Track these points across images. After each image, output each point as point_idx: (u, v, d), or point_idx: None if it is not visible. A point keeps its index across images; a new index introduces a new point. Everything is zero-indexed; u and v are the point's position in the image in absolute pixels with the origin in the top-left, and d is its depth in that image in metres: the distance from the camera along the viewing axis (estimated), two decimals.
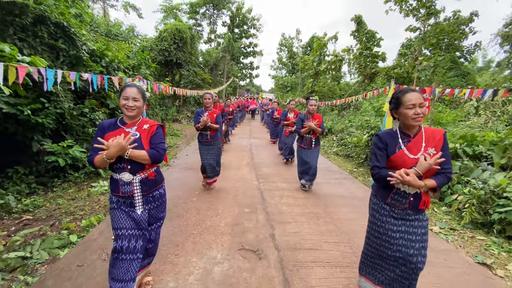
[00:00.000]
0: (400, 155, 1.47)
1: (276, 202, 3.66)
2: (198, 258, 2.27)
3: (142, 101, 1.61)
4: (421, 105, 1.42)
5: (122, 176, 1.54)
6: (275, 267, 2.20)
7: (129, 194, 1.56)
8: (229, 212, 3.24)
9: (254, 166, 5.64)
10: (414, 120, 1.43)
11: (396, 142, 1.51)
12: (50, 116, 4.36)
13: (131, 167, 1.55)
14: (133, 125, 1.61)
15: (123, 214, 1.57)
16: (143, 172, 1.58)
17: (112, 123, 1.62)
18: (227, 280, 2.02)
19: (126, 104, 1.56)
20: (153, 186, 1.65)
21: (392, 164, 1.50)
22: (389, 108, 1.57)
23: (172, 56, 14.60)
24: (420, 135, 1.50)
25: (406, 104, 1.43)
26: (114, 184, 1.58)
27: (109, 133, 1.56)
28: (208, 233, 2.71)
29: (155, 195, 1.68)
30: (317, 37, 21.81)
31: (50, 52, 4.88)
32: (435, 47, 17.62)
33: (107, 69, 5.82)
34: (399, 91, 1.51)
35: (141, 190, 1.58)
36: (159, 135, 1.65)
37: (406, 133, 1.52)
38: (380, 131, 1.70)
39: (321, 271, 2.16)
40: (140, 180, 1.58)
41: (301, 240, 2.64)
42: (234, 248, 2.45)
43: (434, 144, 1.46)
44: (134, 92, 1.56)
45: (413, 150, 1.46)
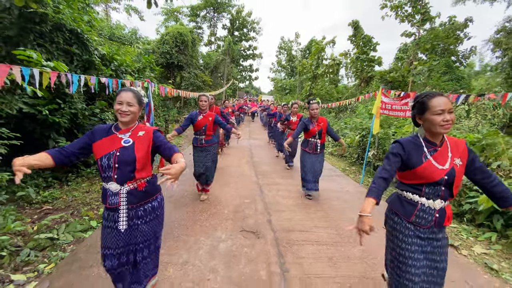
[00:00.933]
0: (428, 165, 1.34)
1: (273, 194, 4.08)
2: (206, 238, 2.68)
3: (138, 106, 1.54)
4: (450, 111, 1.30)
5: (110, 185, 1.46)
6: (271, 244, 2.61)
7: (115, 206, 1.47)
8: (231, 202, 3.65)
9: (253, 164, 6.05)
10: (442, 127, 1.31)
11: (421, 151, 1.37)
12: (65, 116, 4.76)
13: (117, 177, 1.45)
14: (127, 131, 1.54)
15: (111, 232, 1.50)
16: (131, 182, 1.47)
17: (106, 129, 1.55)
18: (230, 253, 2.43)
19: (120, 109, 1.49)
20: (144, 198, 1.52)
21: (418, 176, 1.36)
22: (412, 114, 1.46)
23: (173, 59, 15.04)
24: (445, 144, 1.39)
25: (433, 110, 1.31)
26: (104, 194, 1.51)
27: (101, 140, 1.49)
28: (213, 218, 3.12)
29: (147, 209, 1.54)
30: (316, 41, 22.37)
31: (65, 56, 5.30)
32: (430, 52, 18.18)
33: (116, 72, 6.23)
34: (425, 94, 1.38)
35: (128, 202, 1.47)
36: (160, 137, 1.57)
37: (431, 141, 1.40)
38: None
39: (310, 248, 2.57)
40: (127, 191, 1.47)
41: (294, 225, 3.06)
42: (236, 230, 2.86)
43: (459, 155, 1.37)
44: (129, 96, 1.50)
45: (440, 160, 1.35)
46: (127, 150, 1.46)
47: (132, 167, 1.45)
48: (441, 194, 1.35)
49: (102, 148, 1.46)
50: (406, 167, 1.39)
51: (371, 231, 1.20)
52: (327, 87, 16.79)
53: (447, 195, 1.35)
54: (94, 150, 1.48)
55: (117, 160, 1.43)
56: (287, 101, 16.65)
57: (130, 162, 1.45)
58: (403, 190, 1.44)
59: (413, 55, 15.47)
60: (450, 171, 1.32)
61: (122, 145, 1.47)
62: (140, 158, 1.46)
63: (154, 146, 1.54)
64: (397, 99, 4.76)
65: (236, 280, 2.08)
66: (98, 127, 1.56)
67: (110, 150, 1.45)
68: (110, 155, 1.44)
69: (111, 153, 1.45)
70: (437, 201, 1.35)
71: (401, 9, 15.96)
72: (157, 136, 1.55)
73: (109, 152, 1.45)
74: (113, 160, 1.43)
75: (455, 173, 1.32)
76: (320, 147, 3.80)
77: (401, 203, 1.43)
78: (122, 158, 1.44)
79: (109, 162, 1.44)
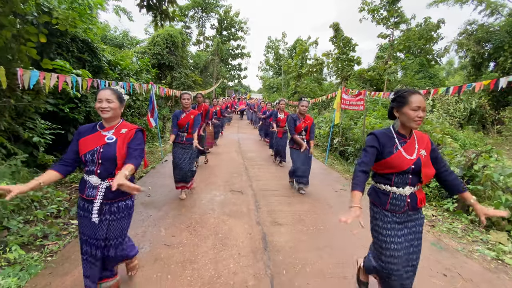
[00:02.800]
0: (397, 155, 1.50)
1: (255, 171, 5.37)
2: (206, 194, 3.93)
3: (118, 103, 1.61)
4: (423, 109, 1.46)
5: (91, 178, 1.56)
6: (251, 196, 3.90)
7: (91, 198, 1.56)
8: (223, 176, 4.91)
9: (241, 152, 7.31)
10: (415, 122, 1.47)
11: (392, 142, 1.54)
12: (81, 113, 5.85)
13: (100, 172, 1.55)
14: (111, 128, 1.62)
15: (86, 221, 1.59)
16: (111, 179, 1.55)
17: (90, 128, 1.64)
18: (223, 202, 3.68)
19: (100, 107, 1.57)
20: (120, 196, 1.61)
21: (388, 165, 1.52)
22: (390, 106, 1.61)
23: (164, 60, 16.03)
24: (413, 137, 1.56)
25: (412, 105, 1.45)
26: (82, 184, 1.60)
27: (86, 137, 1.58)
28: (210, 185, 4.36)
29: (120, 206, 1.63)
30: (301, 41, 23.78)
31: (78, 63, 6.35)
32: (406, 51, 19.93)
33: (120, 75, 7.30)
34: (405, 90, 1.52)
35: (104, 197, 1.57)
36: (137, 140, 1.63)
37: (402, 133, 1.56)
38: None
39: (276, 198, 3.90)
40: (106, 187, 1.57)
41: (267, 187, 4.38)
42: (227, 190, 4.14)
43: (424, 146, 1.54)
44: (107, 94, 1.58)
45: (409, 151, 1.51)
46: (110, 147, 1.55)
47: (114, 164, 1.55)
48: (409, 181, 1.52)
49: (86, 145, 1.56)
50: (380, 157, 1.54)
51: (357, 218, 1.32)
52: (311, 85, 18.21)
53: (415, 182, 1.52)
54: (79, 147, 1.56)
55: (100, 156, 1.53)
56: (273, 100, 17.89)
57: (112, 158, 1.54)
58: (377, 182, 1.63)
59: (388, 55, 17.08)
60: (417, 161, 1.49)
61: (105, 142, 1.56)
62: (120, 156, 1.55)
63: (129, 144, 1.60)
64: (354, 96, 6.11)
65: (226, 213, 3.33)
66: (82, 127, 1.66)
67: (94, 147, 1.54)
68: (94, 151, 1.54)
69: (94, 150, 1.54)
70: (406, 188, 1.52)
71: (377, 12, 17.56)
72: (135, 137, 1.63)
73: (93, 149, 1.54)
74: (96, 156, 1.53)
75: (420, 163, 1.49)
76: (306, 143, 3.94)
77: (377, 194, 1.61)
78: (105, 154, 1.53)
79: (93, 158, 1.53)
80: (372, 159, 1.52)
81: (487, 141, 8.19)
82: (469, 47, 13.76)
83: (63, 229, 3.07)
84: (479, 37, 13.37)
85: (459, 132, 9.69)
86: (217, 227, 2.96)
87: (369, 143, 1.55)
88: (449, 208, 3.65)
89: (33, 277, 2.06)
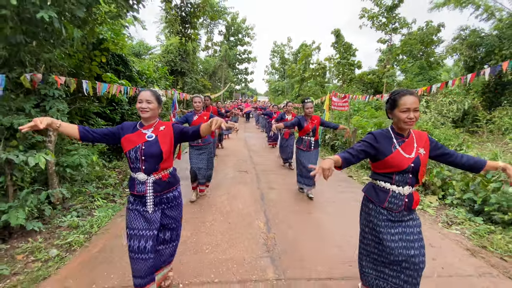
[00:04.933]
0: (396, 155, 1.55)
1: (258, 159, 6.84)
2: (219, 173, 5.38)
3: (156, 104, 1.76)
4: (415, 109, 1.50)
5: (138, 175, 1.71)
6: (254, 175, 5.35)
7: (142, 193, 1.71)
8: (232, 161, 6.40)
9: (247, 147, 8.75)
10: (406, 123, 1.52)
11: (391, 142, 1.59)
12: (118, 114, 7.40)
13: (145, 168, 1.70)
14: (150, 127, 1.77)
15: (136, 215, 1.74)
16: (157, 173, 1.73)
17: (132, 126, 1.79)
18: (233, 178, 5.11)
19: (140, 107, 1.72)
20: (166, 188, 1.78)
21: (388, 165, 1.57)
22: (385, 108, 1.69)
23: (177, 66, 17.71)
24: (411, 136, 1.62)
25: (401, 107, 1.51)
26: (131, 182, 1.76)
27: (128, 135, 1.73)
28: (223, 167, 5.81)
29: (169, 197, 1.81)
30: (306, 45, 25.20)
31: (114, 73, 7.93)
32: (407, 55, 21.06)
33: (146, 82, 8.88)
34: (397, 92, 1.57)
35: (154, 191, 1.73)
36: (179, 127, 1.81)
37: (400, 133, 1.62)
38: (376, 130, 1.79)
39: (273, 175, 5.31)
40: (153, 181, 1.72)
41: (267, 168, 5.82)
42: (235, 170, 5.60)
43: (422, 145, 1.60)
44: (147, 95, 1.72)
45: (407, 150, 1.57)
46: (151, 144, 1.70)
47: (158, 159, 1.70)
48: (409, 181, 1.57)
49: (129, 143, 1.70)
50: (378, 157, 1.59)
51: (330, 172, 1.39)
52: (314, 88, 19.54)
53: (413, 182, 1.58)
54: (122, 145, 1.72)
55: (143, 153, 1.67)
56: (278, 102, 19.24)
57: (156, 154, 1.69)
58: (376, 180, 1.66)
59: (387, 59, 18.28)
60: (416, 159, 1.54)
61: (146, 139, 1.70)
62: (166, 151, 1.72)
63: (177, 135, 1.78)
64: (341, 99, 7.46)
65: (236, 182, 4.76)
66: (126, 124, 1.80)
67: (136, 144, 1.69)
68: (137, 148, 1.68)
69: (137, 147, 1.68)
70: (405, 187, 1.57)
71: (376, 19, 18.86)
72: (176, 127, 1.80)
73: (136, 146, 1.68)
74: (139, 153, 1.67)
75: (420, 161, 1.55)
76: (314, 144, 4.04)
77: (375, 191, 1.65)
78: (147, 151, 1.67)
79: (136, 155, 1.67)
80: (361, 150, 1.58)
81: (463, 137, 9.29)
82: (462, 51, 14.85)
83: (123, 192, 4.54)
84: (471, 41, 14.46)
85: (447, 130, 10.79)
86: (229, 189, 4.42)
87: (365, 138, 1.63)
88: None
89: (112, 218, 3.47)
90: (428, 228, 3.27)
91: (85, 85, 3.94)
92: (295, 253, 2.62)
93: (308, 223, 3.32)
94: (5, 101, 3.03)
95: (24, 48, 3.13)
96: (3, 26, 3.00)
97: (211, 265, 2.38)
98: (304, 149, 4.07)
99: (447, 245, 2.88)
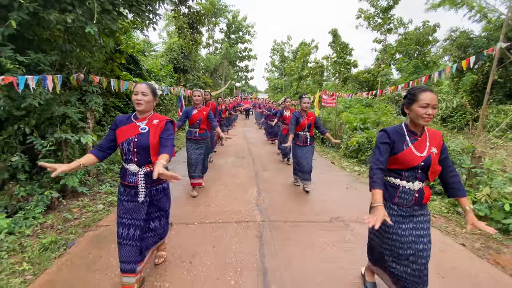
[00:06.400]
0: (408, 152, 1.57)
1: (255, 148, 7.86)
2: (220, 159, 6.35)
3: (152, 97, 1.81)
4: (434, 106, 1.50)
5: (130, 166, 1.78)
6: (251, 159, 6.36)
7: (133, 184, 1.79)
8: (232, 151, 7.39)
9: (246, 140, 9.73)
10: (423, 119, 1.52)
11: (403, 139, 1.60)
12: (130, 108, 8.37)
13: (137, 160, 1.77)
14: (144, 119, 1.82)
15: (127, 204, 1.83)
16: (148, 166, 1.80)
17: (126, 118, 1.86)
18: (232, 163, 6.10)
19: (136, 98, 1.77)
20: (157, 180, 1.82)
21: (398, 161, 1.60)
22: (402, 104, 1.67)
23: (180, 64, 18.64)
24: (425, 134, 1.62)
25: (420, 102, 1.50)
26: (123, 172, 1.83)
27: (122, 127, 1.80)
28: (225, 155, 6.80)
29: (159, 189, 1.92)
30: (305, 43, 26.08)
31: (126, 71, 8.89)
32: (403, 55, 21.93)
33: (154, 80, 9.83)
34: (417, 88, 1.56)
35: (145, 182, 1.81)
36: (168, 130, 1.84)
37: (413, 131, 1.62)
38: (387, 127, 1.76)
39: (267, 160, 6.28)
40: (145, 173, 1.80)
41: (262, 155, 6.79)
42: (235, 157, 6.60)
43: (436, 144, 1.61)
44: (143, 87, 1.78)
45: (420, 148, 1.58)
46: (143, 136, 1.77)
47: (148, 152, 1.78)
48: (418, 176, 1.60)
49: (123, 134, 1.79)
50: (390, 154, 1.62)
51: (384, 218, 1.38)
52: (311, 86, 20.46)
53: (423, 178, 1.61)
54: (117, 136, 1.80)
55: (135, 145, 1.75)
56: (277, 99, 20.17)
57: (146, 147, 1.77)
58: (386, 176, 1.70)
59: (381, 59, 19.17)
60: (427, 158, 1.57)
61: (139, 131, 1.78)
62: (153, 145, 1.78)
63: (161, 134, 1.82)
64: (329, 97, 8.42)
65: (235, 165, 5.74)
66: (119, 117, 1.88)
67: (129, 136, 1.76)
68: (130, 140, 1.76)
69: (130, 139, 1.76)
70: (415, 183, 1.61)
71: (372, 19, 19.73)
72: (166, 128, 1.85)
73: (129, 138, 1.76)
74: (132, 145, 1.75)
75: (431, 160, 1.57)
76: (309, 139, 4.20)
77: (385, 187, 1.67)
78: (139, 143, 1.76)
79: (129, 147, 1.75)
80: (386, 156, 1.60)
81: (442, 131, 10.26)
82: (452, 52, 15.75)
83: None
84: (461, 43, 15.35)
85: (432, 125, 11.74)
86: (230, 170, 5.42)
87: (380, 139, 1.63)
88: None
89: None
90: None
91: (112, 83, 4.90)
92: (277, 208, 3.61)
93: (291, 191, 4.32)
94: (58, 95, 4.00)
95: (71, 54, 4.09)
96: (57, 38, 3.99)
97: (217, 213, 3.37)
98: (300, 144, 4.22)
99: None
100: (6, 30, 3.12)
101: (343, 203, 3.89)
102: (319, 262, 2.43)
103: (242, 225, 3.08)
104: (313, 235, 2.90)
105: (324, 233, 2.97)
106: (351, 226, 3.13)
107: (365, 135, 6.68)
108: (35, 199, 3.31)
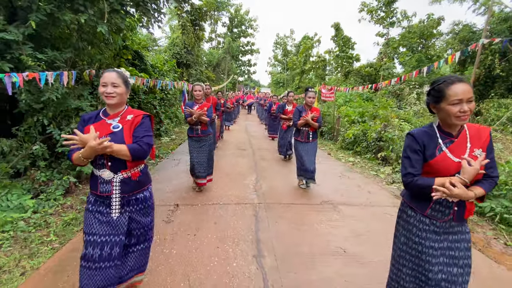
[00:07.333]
0: (442, 158, 1.28)
1: (255, 140, 8.24)
2: (222, 150, 6.71)
3: (124, 88, 1.52)
4: (469, 100, 1.20)
5: (102, 173, 1.48)
6: (251, 152, 6.72)
7: (107, 194, 1.49)
8: (234, 143, 7.77)
9: (248, 133, 10.09)
10: (458, 119, 1.23)
11: (435, 142, 1.31)
12: (136, 103, 8.73)
13: (111, 164, 1.47)
14: (116, 116, 1.53)
15: (97, 217, 1.49)
16: (125, 171, 1.50)
17: (94, 115, 1.56)
18: (233, 153, 6.46)
19: (105, 91, 1.47)
20: (136, 188, 1.56)
21: (430, 170, 1.31)
22: (426, 101, 1.36)
23: (183, 58, 18.92)
24: (464, 133, 1.31)
25: (450, 99, 1.21)
26: (94, 181, 1.52)
27: (89, 126, 1.46)
28: (227, 146, 7.16)
29: (139, 198, 1.59)
30: (307, 37, 26.09)
31: (132, 66, 9.23)
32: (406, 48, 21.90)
33: (158, 75, 10.17)
34: (443, 80, 1.26)
35: (121, 191, 1.50)
36: (144, 127, 1.55)
37: (447, 131, 1.32)
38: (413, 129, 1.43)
39: (266, 152, 6.64)
40: (121, 180, 1.50)
41: (262, 147, 7.15)
42: (236, 149, 6.97)
43: (480, 145, 1.29)
44: (113, 77, 1.48)
45: (457, 152, 1.28)
46: (116, 136, 1.46)
47: None
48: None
49: None
50: None
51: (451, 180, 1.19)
52: (314, 81, 20.60)
53: (465, 186, 1.22)
54: None
55: None
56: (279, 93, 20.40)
57: None
58: None
59: (384, 52, 19.21)
60: None
61: (111, 130, 1.48)
62: None
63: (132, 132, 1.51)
64: (328, 91, 8.68)
65: (235, 156, 6.09)
66: (86, 115, 1.58)
67: (100, 137, 1.39)
68: None
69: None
70: None
71: (375, 13, 19.72)
72: (142, 124, 1.55)
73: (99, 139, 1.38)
74: None
75: None
76: (312, 135, 3.96)
77: (415, 195, 1.39)
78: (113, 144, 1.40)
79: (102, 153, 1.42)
80: (418, 165, 1.32)
81: None
82: (454, 46, 15.77)
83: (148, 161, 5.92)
84: (463, 36, 15.36)
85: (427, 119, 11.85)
86: (231, 160, 5.78)
87: (409, 147, 1.36)
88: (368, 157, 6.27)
89: (154, 173, 4.86)
90: (371, 182, 4.63)
91: None
92: (273, 192, 3.98)
93: (287, 178, 4.67)
94: (72, 90, 4.36)
95: (83, 52, 4.44)
96: (70, 37, 4.33)
97: (218, 196, 3.74)
98: (302, 141, 4.00)
99: (379, 191, 4.22)
100: (26, 30, 3.47)
101: (334, 189, 4.23)
102: (307, 236, 2.78)
103: (241, 206, 3.44)
104: (303, 215, 3.25)
105: (314, 213, 3.32)
106: (338, 208, 3.48)
107: (360, 127, 6.97)
108: (55, 183, 3.70)
